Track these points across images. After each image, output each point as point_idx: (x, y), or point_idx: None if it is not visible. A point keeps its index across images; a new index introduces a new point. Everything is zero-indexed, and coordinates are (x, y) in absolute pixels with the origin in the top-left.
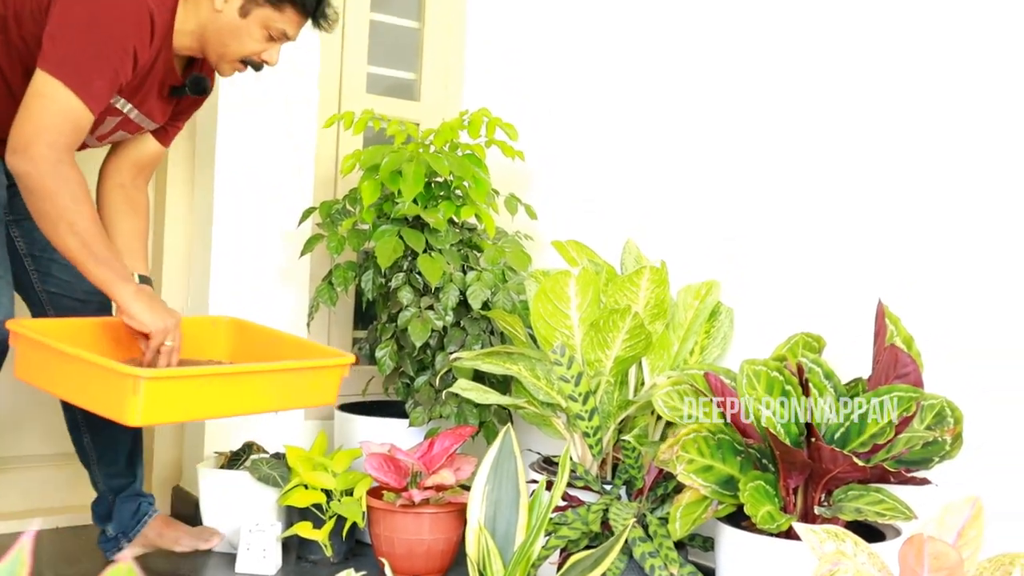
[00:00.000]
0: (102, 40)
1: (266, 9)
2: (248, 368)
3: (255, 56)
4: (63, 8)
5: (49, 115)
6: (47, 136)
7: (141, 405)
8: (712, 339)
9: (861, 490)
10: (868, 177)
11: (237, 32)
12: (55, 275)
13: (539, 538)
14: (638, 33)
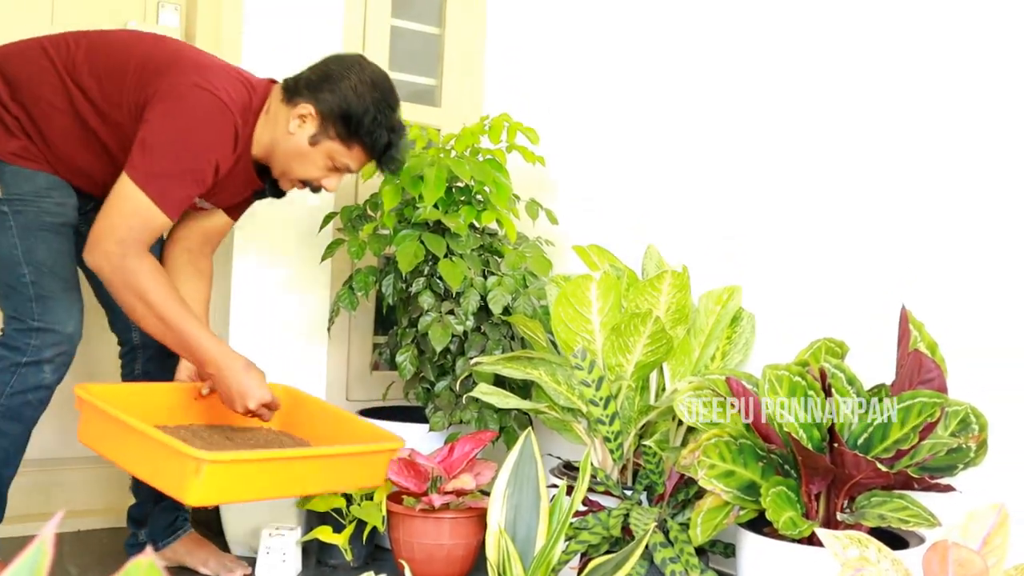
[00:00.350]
0: (189, 156)
1: (335, 143)
2: (305, 452)
3: (315, 181)
4: (157, 119)
5: (124, 215)
6: (118, 232)
7: (202, 486)
8: (734, 345)
9: (884, 496)
10: (892, 181)
11: (303, 157)
12: None
13: (559, 542)
14: (659, 38)
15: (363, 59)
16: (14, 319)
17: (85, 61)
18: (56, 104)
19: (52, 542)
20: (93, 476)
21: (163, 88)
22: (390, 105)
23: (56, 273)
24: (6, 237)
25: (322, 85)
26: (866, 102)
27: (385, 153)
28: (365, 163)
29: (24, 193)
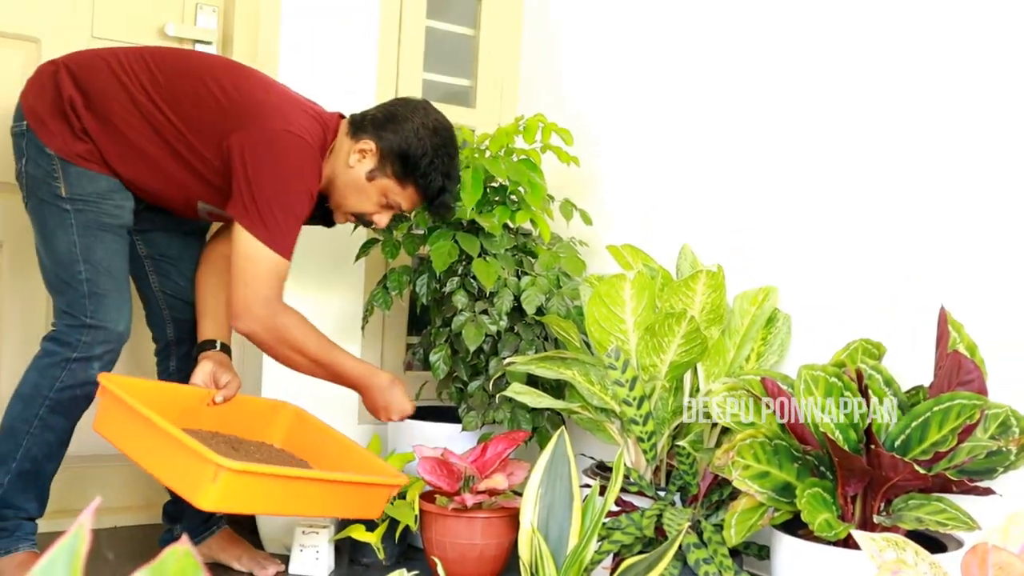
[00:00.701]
0: (294, 198)
1: (391, 181)
2: (320, 475)
3: (367, 216)
4: (258, 172)
5: (261, 278)
6: (261, 295)
7: (218, 493)
8: (769, 346)
9: (922, 499)
10: (931, 181)
11: (359, 191)
12: (173, 279)
13: (592, 542)
14: (691, 38)
15: (429, 105)
16: (67, 314)
17: (165, 84)
18: (128, 120)
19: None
20: (130, 473)
21: (255, 136)
22: (448, 152)
23: (111, 272)
24: (66, 235)
25: (386, 124)
26: (904, 101)
27: (437, 198)
28: (417, 205)
29: (87, 194)
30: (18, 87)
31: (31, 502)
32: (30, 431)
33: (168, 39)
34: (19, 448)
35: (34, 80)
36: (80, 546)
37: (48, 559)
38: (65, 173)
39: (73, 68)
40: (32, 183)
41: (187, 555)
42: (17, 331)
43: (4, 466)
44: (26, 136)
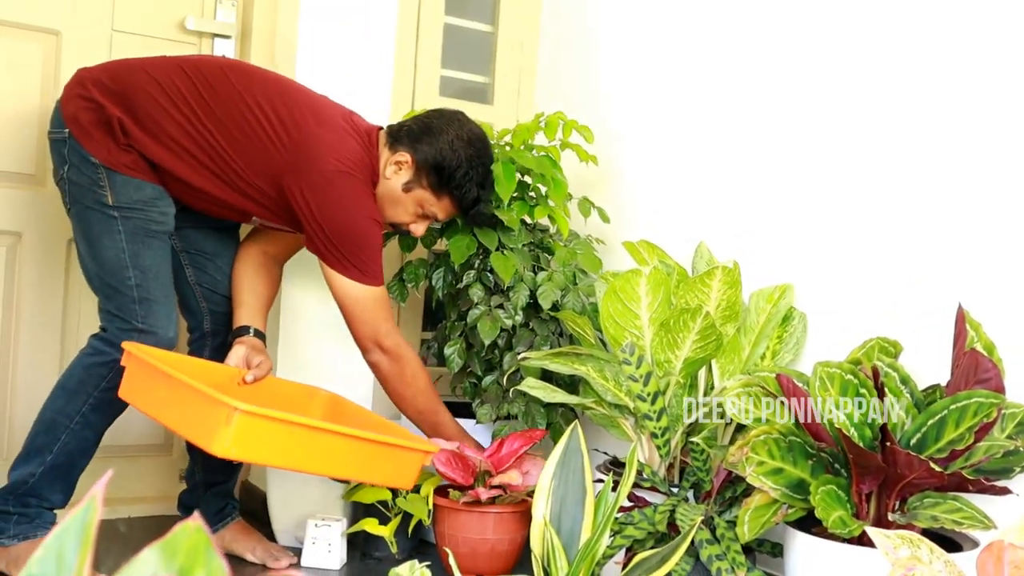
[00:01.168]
0: (371, 236)
1: (426, 192)
2: (338, 428)
3: (403, 226)
4: (318, 212)
5: (373, 315)
6: (380, 330)
7: (231, 436)
8: (785, 344)
9: (937, 498)
10: (949, 180)
11: (395, 202)
12: (209, 273)
13: (604, 536)
14: (707, 36)
15: (464, 116)
16: (118, 318)
17: (208, 108)
18: (183, 144)
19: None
20: (146, 465)
21: (313, 180)
22: (483, 163)
23: (159, 279)
24: (114, 242)
25: (422, 136)
26: (916, 99)
27: (472, 207)
28: (452, 215)
29: (133, 202)
30: (39, 80)
31: (57, 494)
32: (70, 427)
33: (188, 33)
34: (57, 442)
35: (73, 89)
36: (92, 517)
37: (61, 529)
38: (111, 182)
39: (110, 85)
40: (76, 190)
41: (198, 531)
42: (35, 320)
43: (39, 458)
44: (68, 144)
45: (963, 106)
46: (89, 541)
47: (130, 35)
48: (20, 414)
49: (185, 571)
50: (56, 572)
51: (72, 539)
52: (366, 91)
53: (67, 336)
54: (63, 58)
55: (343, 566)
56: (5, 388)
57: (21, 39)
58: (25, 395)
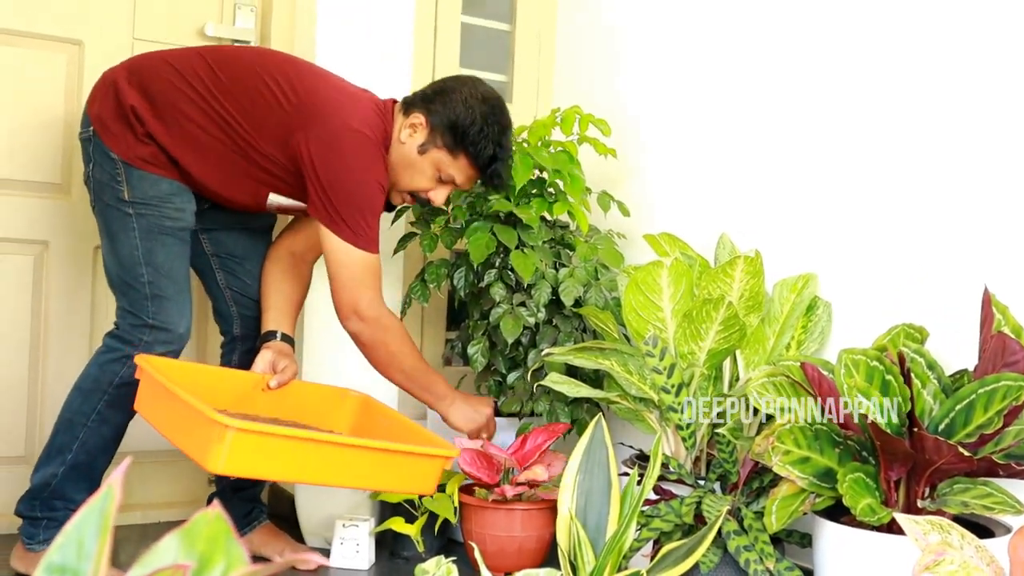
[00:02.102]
0: (371, 198)
1: (442, 153)
2: (337, 439)
3: (422, 192)
4: (330, 173)
5: (359, 280)
6: (364, 296)
7: (225, 454)
8: (809, 334)
9: (967, 483)
10: (972, 164)
11: (411, 166)
12: (239, 277)
13: (631, 529)
14: (726, 27)
15: (478, 79)
16: (130, 314)
17: (224, 81)
18: (196, 119)
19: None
20: (173, 469)
21: (320, 134)
22: (498, 121)
23: (172, 276)
24: (128, 238)
25: (435, 97)
26: (939, 83)
27: (490, 166)
28: (471, 177)
29: (148, 198)
30: (63, 89)
31: (82, 493)
32: (87, 424)
33: (207, 39)
34: (75, 440)
35: (98, 87)
36: (110, 505)
37: (80, 518)
38: (128, 177)
39: (134, 75)
40: (98, 187)
41: (218, 518)
42: (63, 328)
43: (60, 457)
44: (92, 141)
45: (987, 88)
46: (108, 529)
47: (151, 43)
48: (50, 421)
49: (205, 558)
50: (76, 559)
51: (91, 527)
52: (384, 93)
53: (95, 344)
54: (86, 67)
55: (371, 566)
56: (35, 396)
57: (44, 50)
58: (54, 402)
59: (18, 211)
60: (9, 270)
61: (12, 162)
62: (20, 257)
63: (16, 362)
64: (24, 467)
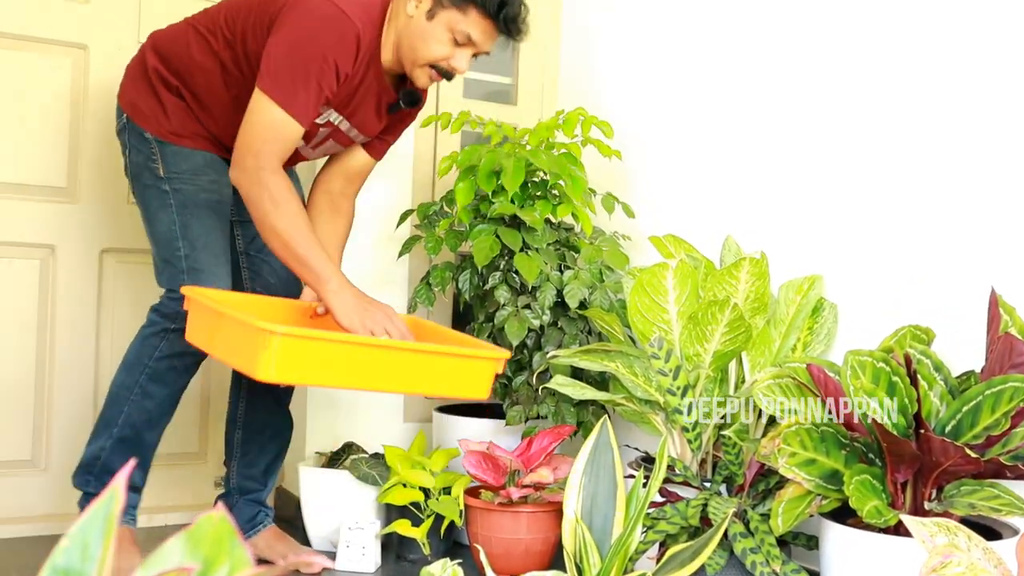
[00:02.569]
0: (307, 57)
1: (451, 11)
2: (384, 342)
3: (443, 61)
4: (277, 29)
5: (258, 130)
6: (253, 147)
7: (274, 361)
8: (815, 335)
9: (975, 485)
10: (978, 165)
11: (424, 35)
12: (264, 276)
13: (636, 531)
14: (731, 30)
15: None
16: (170, 290)
17: (226, 15)
18: (205, 64)
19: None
20: (179, 472)
21: (295, 3)
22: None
23: (208, 248)
24: (166, 214)
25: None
26: (941, 84)
27: (500, 11)
28: (488, 31)
29: (182, 172)
30: (68, 93)
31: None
32: (131, 398)
33: None
34: (121, 414)
35: (125, 75)
36: (114, 507)
37: (86, 519)
38: (163, 154)
39: (156, 39)
40: (136, 170)
41: (223, 521)
42: (69, 331)
43: (107, 431)
44: (127, 128)
45: (991, 88)
46: (112, 531)
47: None
48: (57, 423)
49: (209, 561)
50: (81, 561)
51: (96, 529)
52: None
53: (101, 347)
54: (91, 71)
55: (377, 569)
56: (42, 398)
57: (50, 54)
58: (61, 405)
59: (24, 215)
60: (15, 274)
61: (18, 166)
62: (26, 261)
63: (22, 365)
64: (31, 470)
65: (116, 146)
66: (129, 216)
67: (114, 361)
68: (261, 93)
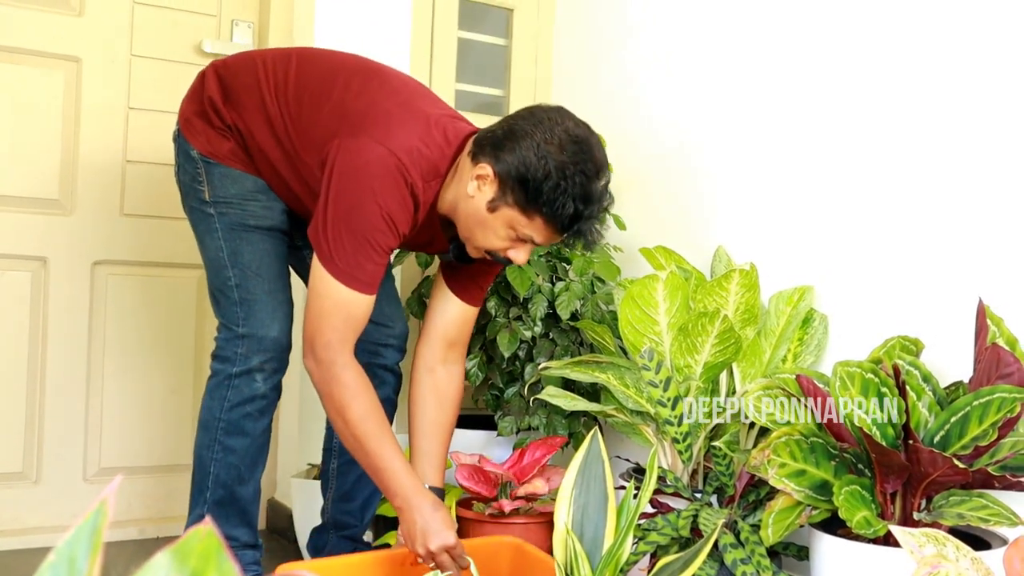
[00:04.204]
0: (366, 224)
1: (514, 212)
2: None
3: (500, 252)
4: (332, 187)
5: (325, 314)
6: (324, 335)
7: None
8: (806, 346)
9: (963, 495)
10: (967, 176)
11: (483, 224)
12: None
13: (627, 542)
14: (722, 42)
15: (559, 114)
16: (223, 327)
17: (295, 82)
18: (255, 118)
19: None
20: (173, 484)
21: (348, 146)
22: (582, 171)
23: (260, 275)
24: (212, 240)
25: (503, 143)
26: (932, 96)
27: (571, 226)
28: (551, 236)
29: (230, 196)
30: (61, 106)
31: (236, 528)
32: (213, 458)
33: (205, 55)
34: (208, 476)
35: (193, 84)
36: (102, 522)
37: (72, 536)
38: (208, 176)
39: (220, 68)
40: (185, 190)
41: (210, 535)
42: (61, 344)
43: (201, 496)
44: (178, 141)
45: (980, 101)
46: (99, 546)
47: (148, 59)
48: (49, 436)
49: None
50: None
51: (83, 545)
52: None
53: (92, 359)
54: (84, 84)
55: None
56: (33, 410)
57: (43, 67)
58: (53, 417)
59: (16, 227)
60: (7, 286)
61: (10, 178)
62: (18, 273)
63: (14, 377)
64: (23, 482)
65: (109, 159)
66: (122, 228)
67: (105, 373)
68: (323, 271)
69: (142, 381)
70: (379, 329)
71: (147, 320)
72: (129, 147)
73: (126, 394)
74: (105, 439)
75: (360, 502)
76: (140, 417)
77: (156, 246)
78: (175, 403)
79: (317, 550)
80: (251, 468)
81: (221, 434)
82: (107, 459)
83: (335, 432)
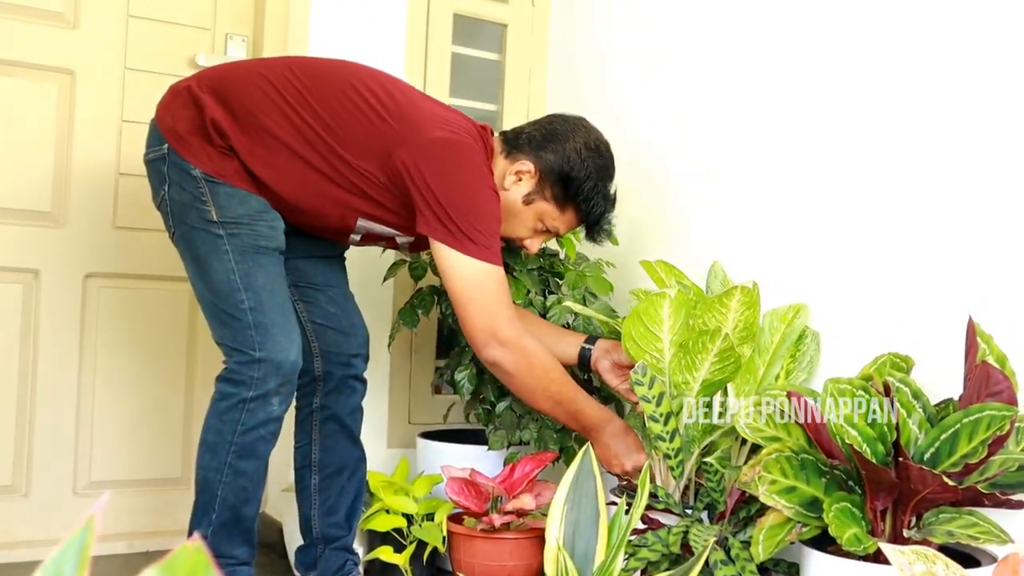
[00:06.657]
0: (487, 203)
1: (549, 205)
2: None
3: (519, 241)
4: (433, 181)
5: (492, 298)
6: (500, 316)
7: None
8: (798, 363)
9: (953, 513)
10: (958, 195)
11: (514, 215)
12: (321, 305)
13: (618, 558)
14: (715, 55)
15: (587, 122)
16: (236, 351)
17: (311, 91)
18: (281, 136)
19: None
20: (161, 498)
21: (425, 148)
22: (610, 175)
23: (274, 297)
24: (222, 262)
25: (545, 144)
26: (921, 115)
27: (598, 222)
28: (573, 228)
29: (238, 216)
30: (54, 119)
31: (238, 548)
32: (222, 480)
33: (199, 68)
34: (215, 499)
35: (169, 100)
36: (89, 538)
37: (59, 551)
38: (214, 195)
39: (215, 86)
40: (178, 209)
41: (198, 551)
42: (53, 356)
43: (206, 518)
44: (167, 160)
45: (970, 120)
46: (86, 563)
47: (142, 72)
48: (39, 448)
49: None
50: None
51: (70, 560)
52: None
53: (84, 371)
54: (77, 97)
55: None
56: (23, 423)
57: (36, 79)
58: (43, 430)
59: (8, 239)
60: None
61: (3, 190)
62: (10, 285)
63: (5, 390)
64: (12, 495)
65: (102, 171)
66: (114, 241)
67: (96, 386)
68: (467, 258)
69: (133, 394)
70: (348, 339)
71: (139, 333)
72: (122, 160)
73: (117, 407)
74: (96, 452)
75: (344, 513)
76: (131, 430)
77: (148, 259)
78: (166, 417)
79: (308, 567)
80: (256, 488)
81: (233, 457)
82: (97, 472)
83: (526, 401)
